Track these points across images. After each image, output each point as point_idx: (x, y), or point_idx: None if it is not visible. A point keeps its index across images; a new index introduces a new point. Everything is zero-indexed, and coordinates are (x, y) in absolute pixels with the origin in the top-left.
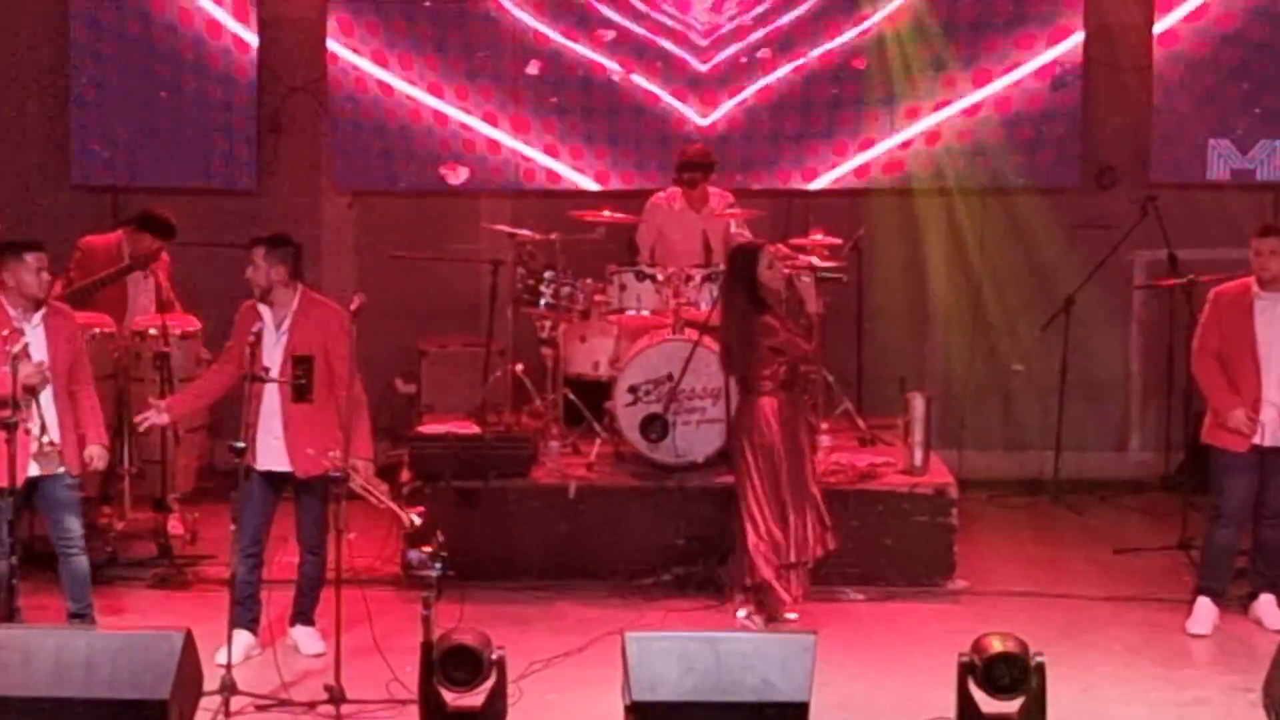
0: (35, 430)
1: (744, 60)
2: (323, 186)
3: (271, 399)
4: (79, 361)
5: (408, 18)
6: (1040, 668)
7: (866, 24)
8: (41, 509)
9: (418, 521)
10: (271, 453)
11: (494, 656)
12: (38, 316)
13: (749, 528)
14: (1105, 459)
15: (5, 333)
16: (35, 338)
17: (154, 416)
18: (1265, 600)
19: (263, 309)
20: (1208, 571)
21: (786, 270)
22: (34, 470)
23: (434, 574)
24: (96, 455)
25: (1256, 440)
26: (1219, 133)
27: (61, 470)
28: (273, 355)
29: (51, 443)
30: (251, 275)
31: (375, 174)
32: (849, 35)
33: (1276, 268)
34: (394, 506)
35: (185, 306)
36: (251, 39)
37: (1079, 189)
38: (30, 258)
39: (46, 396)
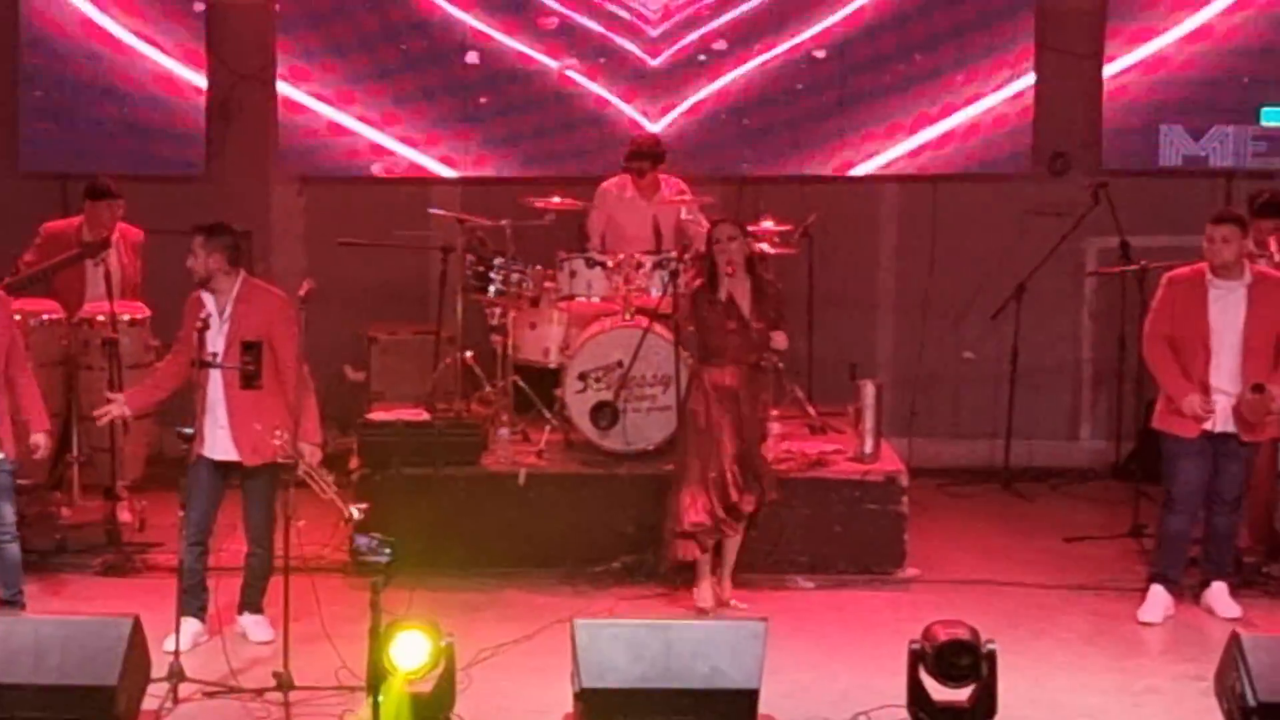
0: None
1: (698, 60)
2: (272, 173)
3: (216, 387)
4: (14, 348)
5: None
6: (991, 656)
7: (826, 23)
8: None
9: (358, 516)
10: (218, 443)
11: (443, 643)
12: None
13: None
14: (1056, 447)
15: None
16: None
17: (114, 410)
18: (1217, 588)
19: (205, 297)
20: (1160, 559)
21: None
22: None
23: (382, 560)
24: (41, 443)
25: (1207, 427)
26: (1171, 119)
27: (2, 456)
28: (216, 342)
29: None
30: (191, 264)
31: (324, 160)
32: (805, 35)
33: (1229, 254)
34: (336, 498)
35: (136, 293)
36: (199, 25)
37: (1031, 175)
38: None
39: None
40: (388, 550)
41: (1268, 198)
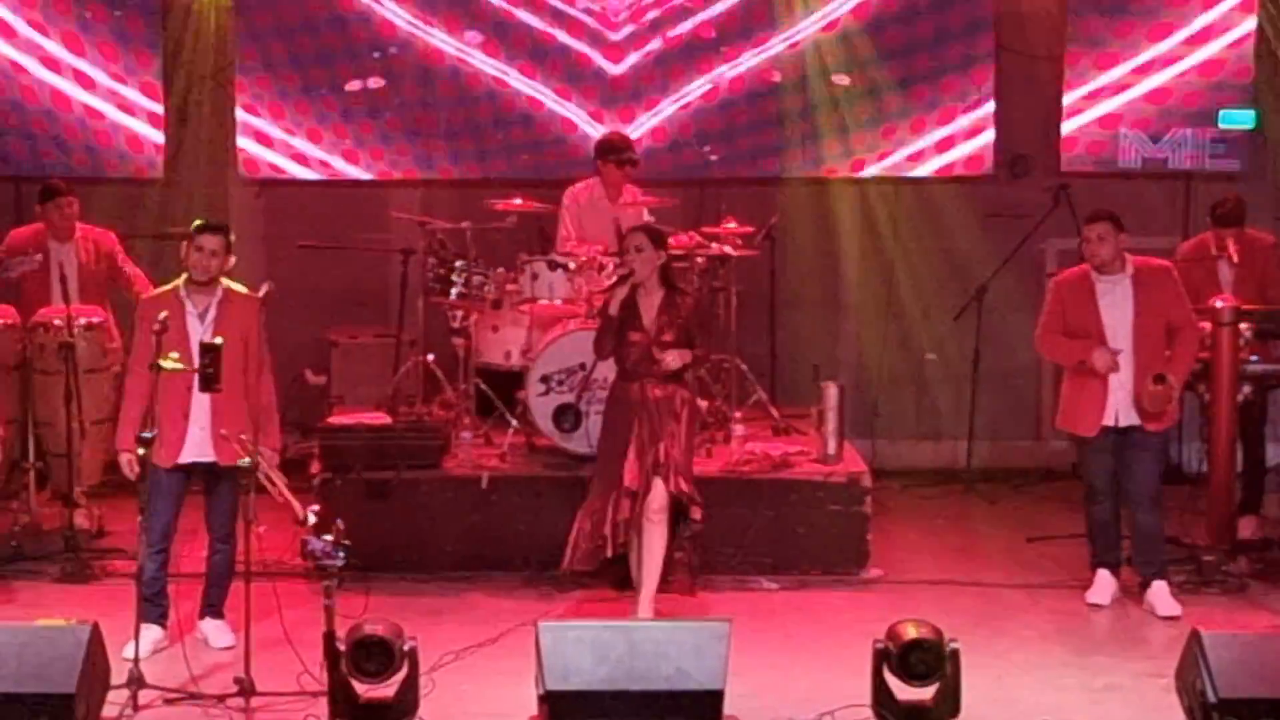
0: None
1: (661, 65)
2: (230, 176)
3: (198, 388)
4: None
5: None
6: (954, 654)
7: (787, 36)
8: None
9: (312, 519)
10: (194, 443)
11: (406, 647)
12: None
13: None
14: (1018, 447)
15: None
16: None
17: (133, 461)
18: (1158, 587)
19: (184, 297)
20: (1097, 547)
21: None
22: None
23: (336, 563)
24: None
25: (1109, 422)
26: (1130, 122)
27: None
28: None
29: None
30: (201, 261)
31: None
32: (770, 47)
33: (1106, 253)
34: (291, 499)
35: (104, 297)
36: (157, 27)
37: (991, 178)
38: None
39: None
40: (341, 553)
41: (1229, 207)
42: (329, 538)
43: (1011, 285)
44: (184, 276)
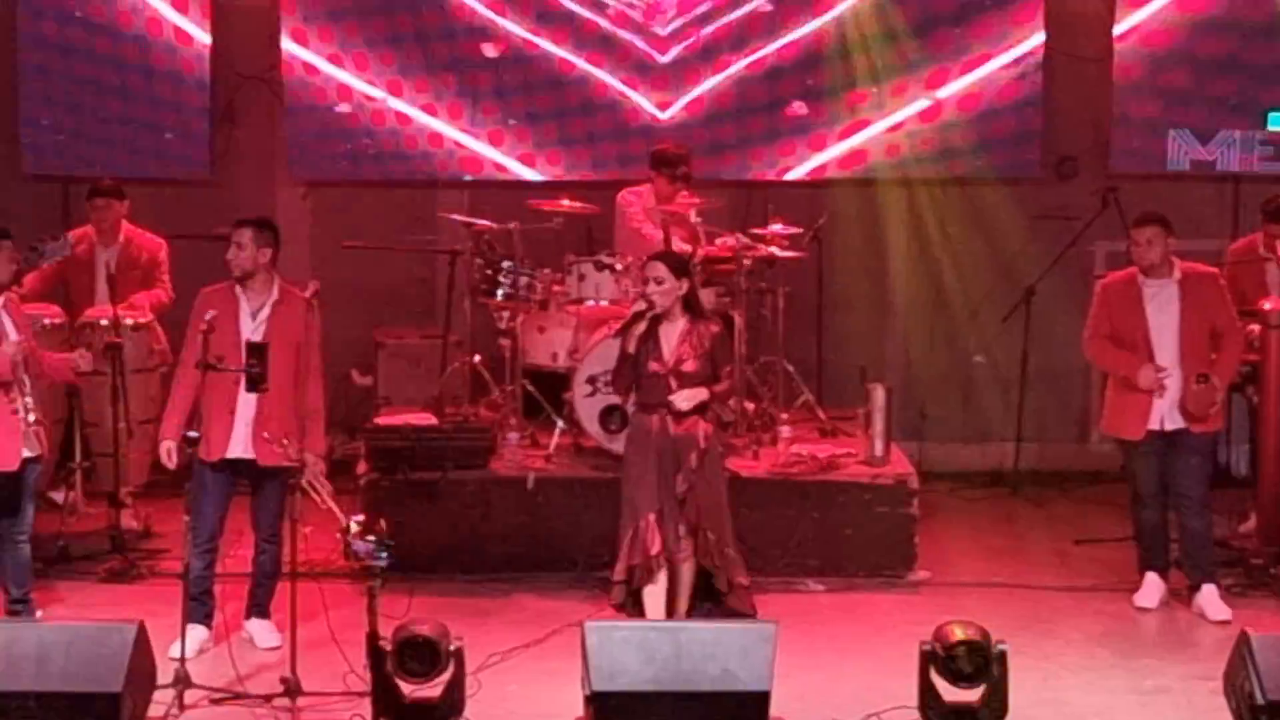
0: (22, 411)
1: (701, 52)
2: (277, 176)
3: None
4: (32, 350)
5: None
6: (1002, 656)
7: (825, 18)
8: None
9: (355, 528)
10: (241, 439)
11: (452, 648)
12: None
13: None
14: (1066, 450)
15: None
16: (4, 320)
17: (173, 449)
18: (1207, 591)
19: (239, 295)
20: (1145, 552)
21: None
22: (24, 452)
23: (380, 564)
24: None
25: (1154, 426)
26: (1179, 123)
27: (38, 454)
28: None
29: (38, 422)
30: (235, 257)
31: (331, 163)
32: (806, 29)
33: (1154, 256)
34: (334, 507)
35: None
36: (205, 27)
37: (1039, 179)
38: None
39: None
40: (384, 554)
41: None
42: (372, 538)
43: (1060, 287)
44: None
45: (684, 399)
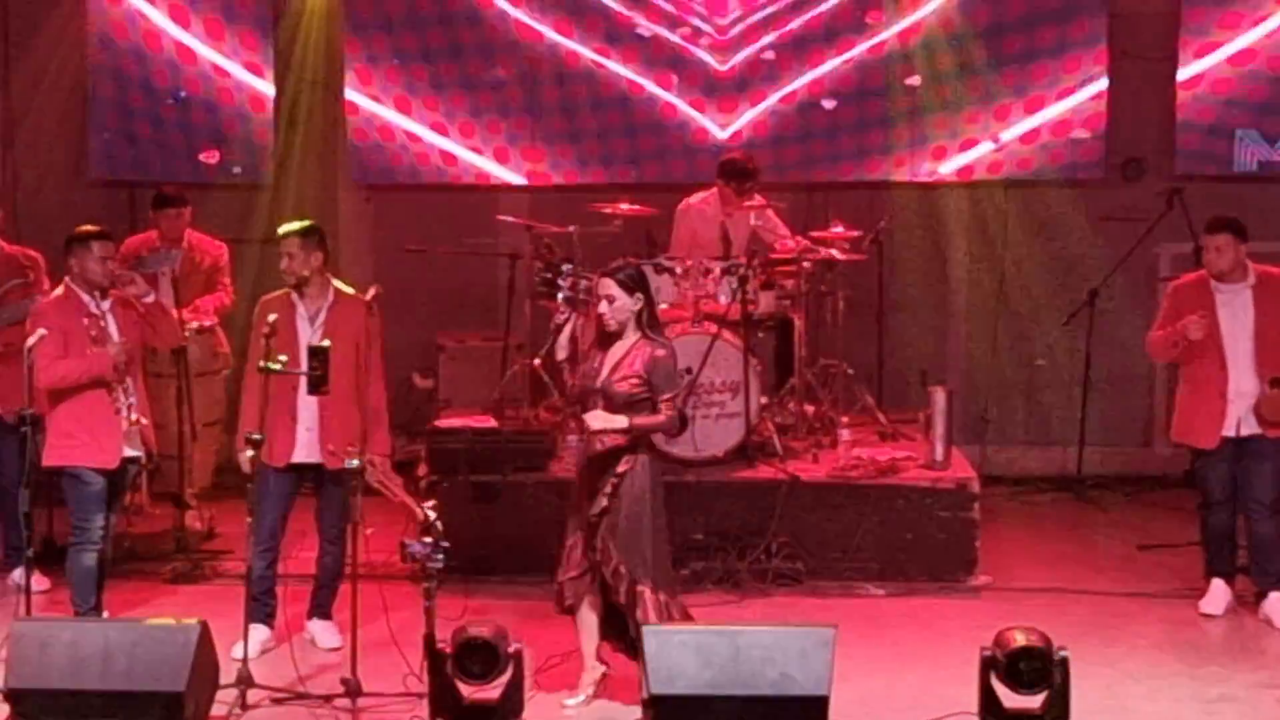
0: (124, 410)
1: (765, 66)
2: (340, 181)
3: (304, 390)
4: (137, 351)
5: (416, 24)
6: (1064, 662)
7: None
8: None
9: (432, 516)
10: (303, 445)
11: (511, 650)
12: (107, 303)
13: None
14: (1130, 454)
15: (86, 319)
16: (109, 322)
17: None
18: (1275, 598)
19: (296, 301)
20: (1212, 557)
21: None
22: (125, 450)
23: (436, 565)
24: None
25: (1229, 433)
26: (1246, 124)
27: (140, 453)
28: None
29: (138, 421)
30: (288, 266)
31: (393, 168)
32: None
33: (1225, 263)
34: (408, 500)
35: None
36: (267, 33)
37: (1104, 181)
38: (96, 246)
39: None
40: (440, 555)
41: None
42: (429, 540)
43: (1124, 289)
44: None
45: (596, 419)
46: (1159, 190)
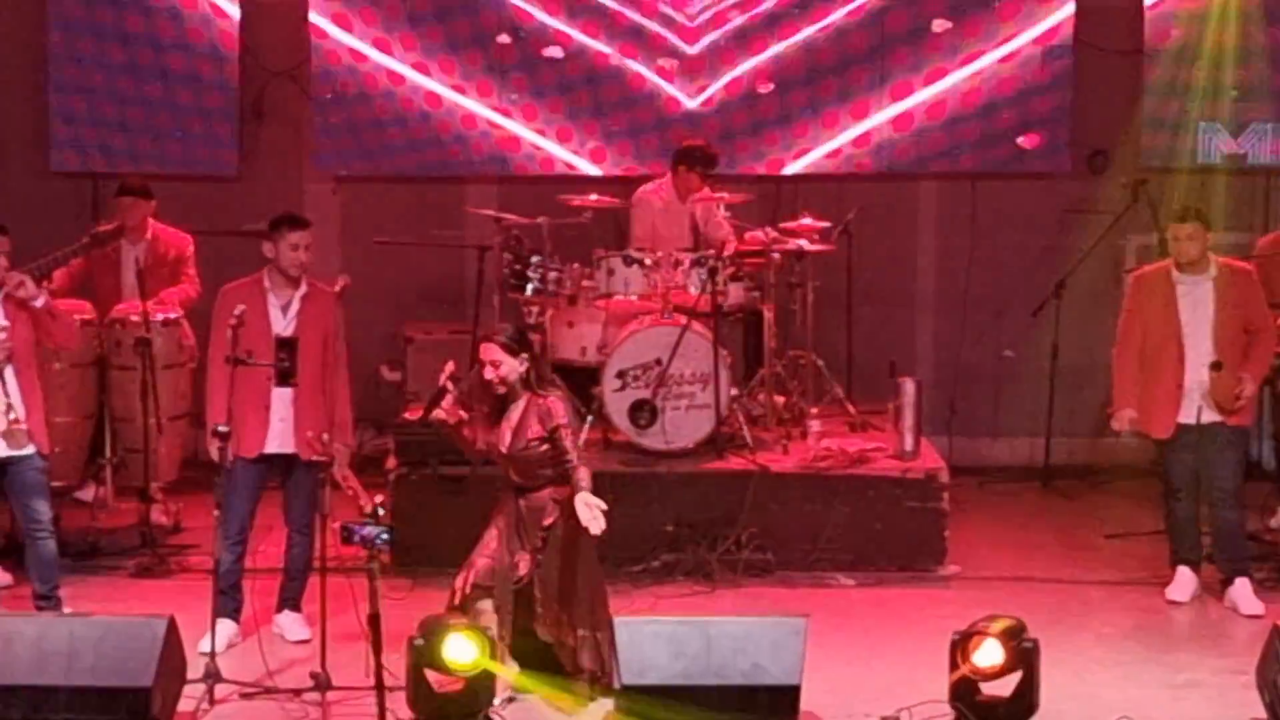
0: (0, 407)
1: (732, 40)
2: (306, 171)
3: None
4: (23, 344)
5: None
6: (1033, 650)
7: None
8: (9, 491)
9: (381, 513)
10: (276, 435)
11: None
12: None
13: None
14: (1096, 444)
15: None
16: None
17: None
18: (1240, 585)
19: (268, 289)
20: (1178, 545)
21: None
22: (2, 450)
23: (379, 544)
24: None
25: (1189, 420)
26: (1210, 116)
27: (30, 451)
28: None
29: (17, 420)
30: (296, 257)
31: (359, 158)
32: (838, 14)
33: (1194, 252)
34: (360, 491)
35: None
36: (233, 23)
37: (1069, 173)
38: None
39: (9, 373)
40: (384, 537)
41: None
42: (371, 520)
43: (1090, 281)
44: (267, 268)
45: (593, 518)
46: (1124, 182)
